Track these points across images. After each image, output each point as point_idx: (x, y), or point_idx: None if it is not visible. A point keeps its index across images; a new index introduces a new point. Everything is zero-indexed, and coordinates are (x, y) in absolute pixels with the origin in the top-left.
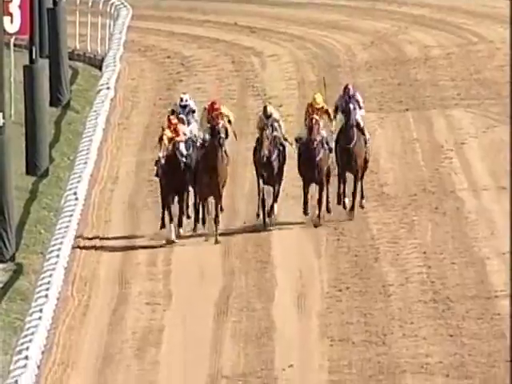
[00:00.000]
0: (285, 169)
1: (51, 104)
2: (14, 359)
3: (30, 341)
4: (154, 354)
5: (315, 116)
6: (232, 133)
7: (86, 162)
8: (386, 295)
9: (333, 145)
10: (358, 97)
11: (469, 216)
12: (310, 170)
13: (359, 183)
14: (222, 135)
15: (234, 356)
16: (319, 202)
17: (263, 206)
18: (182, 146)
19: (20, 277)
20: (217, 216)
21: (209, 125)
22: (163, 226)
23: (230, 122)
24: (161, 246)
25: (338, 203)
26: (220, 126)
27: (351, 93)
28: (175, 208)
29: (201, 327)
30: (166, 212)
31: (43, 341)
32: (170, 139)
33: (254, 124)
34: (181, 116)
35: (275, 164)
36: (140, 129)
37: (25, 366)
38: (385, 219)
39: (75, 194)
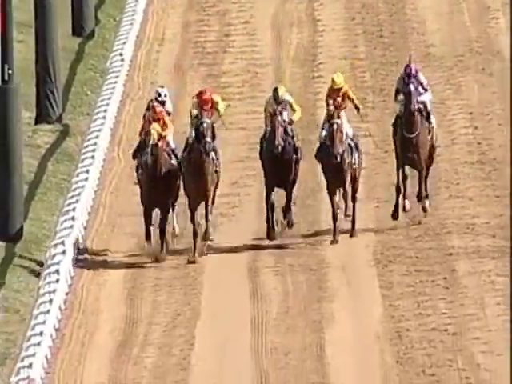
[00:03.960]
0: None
1: None
2: (60, 220)
3: (77, 201)
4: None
5: (336, 121)
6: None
7: (131, 24)
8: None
9: (360, 146)
10: (421, 77)
11: None
12: (336, 183)
13: (424, 181)
14: (208, 139)
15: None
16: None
17: (272, 214)
18: (172, 145)
19: (66, 138)
20: (206, 230)
21: (195, 120)
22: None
23: (218, 111)
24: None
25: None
26: (205, 126)
27: (413, 72)
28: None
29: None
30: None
31: (89, 202)
32: (160, 135)
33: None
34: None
35: (288, 160)
36: None
37: (71, 226)
38: (431, 80)
39: (121, 55)
